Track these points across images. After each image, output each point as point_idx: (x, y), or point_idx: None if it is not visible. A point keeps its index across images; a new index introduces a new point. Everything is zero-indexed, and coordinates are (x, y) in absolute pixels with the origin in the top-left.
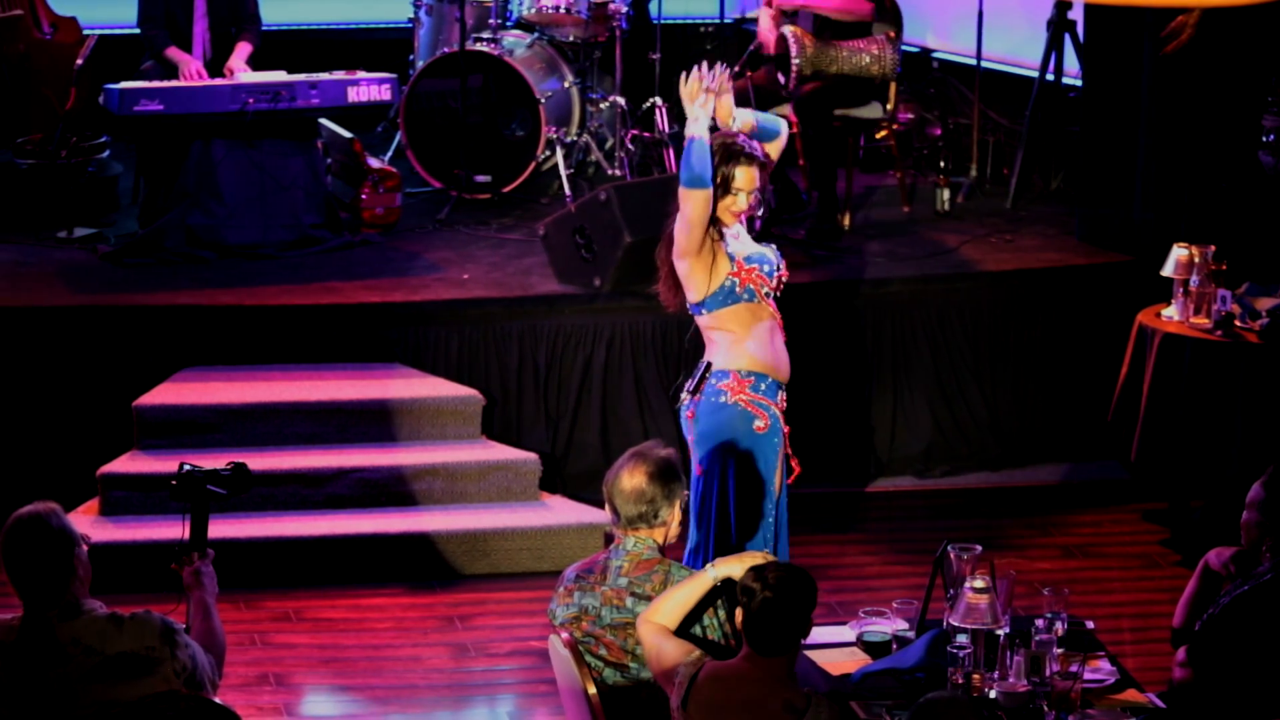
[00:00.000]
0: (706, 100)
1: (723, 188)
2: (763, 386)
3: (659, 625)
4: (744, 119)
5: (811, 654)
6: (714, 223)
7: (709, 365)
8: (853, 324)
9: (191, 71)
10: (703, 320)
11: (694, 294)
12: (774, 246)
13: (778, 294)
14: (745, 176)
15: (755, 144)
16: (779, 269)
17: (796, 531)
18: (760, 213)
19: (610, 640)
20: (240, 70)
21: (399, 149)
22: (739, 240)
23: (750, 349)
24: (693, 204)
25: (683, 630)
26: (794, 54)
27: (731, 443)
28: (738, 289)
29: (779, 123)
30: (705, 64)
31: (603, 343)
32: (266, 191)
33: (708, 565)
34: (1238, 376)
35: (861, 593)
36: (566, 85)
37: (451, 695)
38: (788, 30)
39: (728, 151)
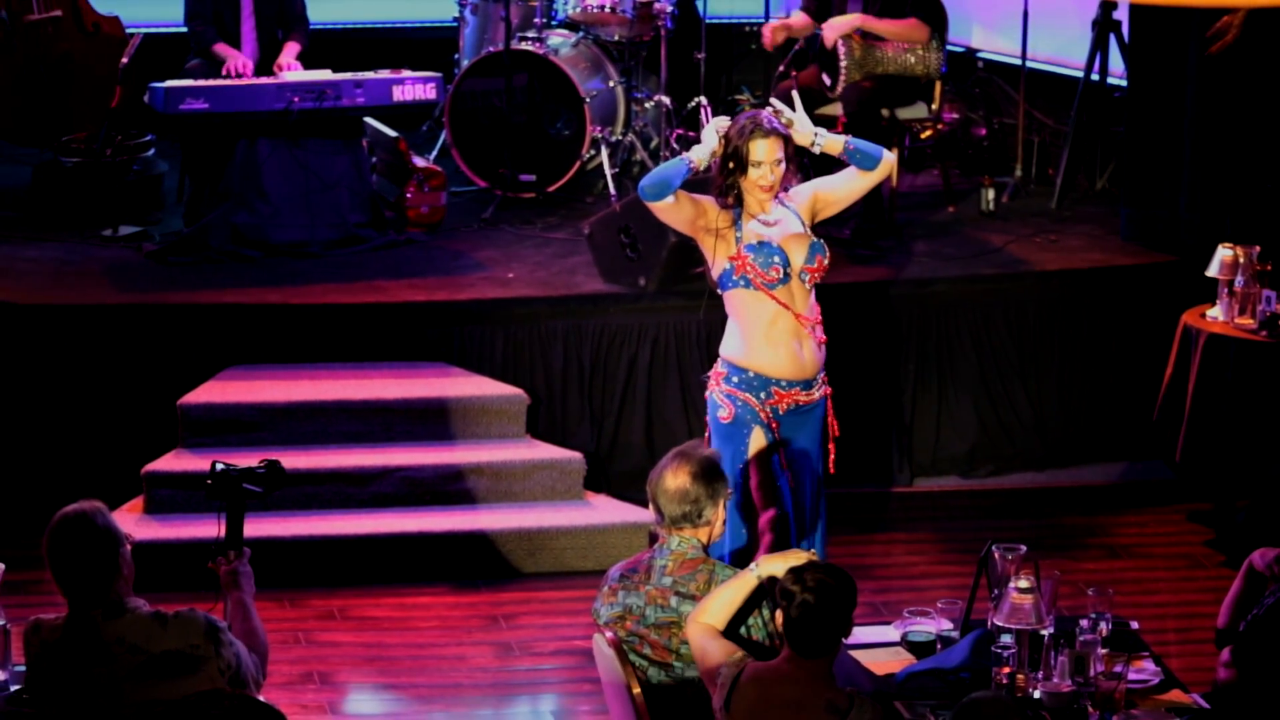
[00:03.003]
0: (720, 125)
1: (742, 165)
2: (735, 380)
3: (706, 625)
4: (830, 142)
5: (856, 654)
6: (740, 203)
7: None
8: (897, 323)
9: (236, 65)
10: (724, 300)
11: (711, 272)
12: (820, 241)
13: (811, 286)
14: (763, 149)
15: (770, 116)
16: (810, 262)
17: (841, 531)
18: (797, 181)
19: (655, 639)
20: (290, 68)
21: (444, 148)
22: (771, 227)
23: (739, 339)
24: (652, 210)
25: (729, 631)
26: (842, 58)
27: (712, 432)
28: (734, 274)
29: (878, 149)
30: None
31: (647, 342)
32: (311, 190)
33: (751, 564)
34: None
35: (906, 592)
36: (611, 85)
37: (495, 694)
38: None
39: (742, 128)
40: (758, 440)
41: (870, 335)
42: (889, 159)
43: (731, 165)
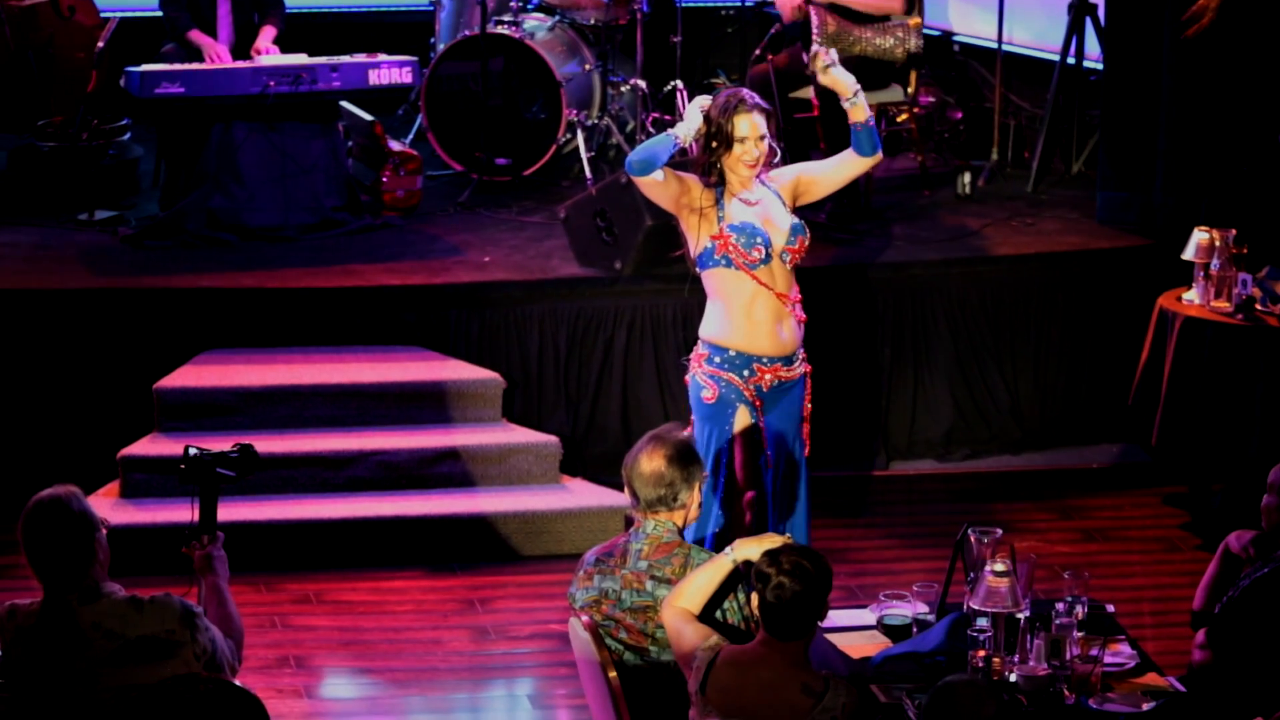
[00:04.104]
0: (702, 102)
1: (727, 142)
2: (717, 360)
3: (681, 609)
4: (859, 107)
5: (832, 637)
6: (722, 182)
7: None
8: (873, 307)
9: (216, 54)
10: (702, 279)
11: (690, 251)
12: (801, 222)
13: (791, 266)
14: (747, 124)
15: (753, 93)
16: (791, 243)
17: (817, 514)
18: (777, 159)
19: (630, 623)
20: (267, 52)
21: (420, 132)
22: (752, 207)
23: (722, 319)
24: (639, 186)
25: (705, 614)
26: (815, 32)
27: (695, 413)
28: (715, 254)
29: (878, 141)
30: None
31: (623, 325)
32: (287, 174)
33: (727, 548)
34: (1258, 360)
35: (882, 576)
36: (587, 68)
37: (471, 678)
38: (812, 7)
39: (725, 104)
40: (742, 419)
41: (846, 319)
42: (879, 154)
43: (715, 144)
